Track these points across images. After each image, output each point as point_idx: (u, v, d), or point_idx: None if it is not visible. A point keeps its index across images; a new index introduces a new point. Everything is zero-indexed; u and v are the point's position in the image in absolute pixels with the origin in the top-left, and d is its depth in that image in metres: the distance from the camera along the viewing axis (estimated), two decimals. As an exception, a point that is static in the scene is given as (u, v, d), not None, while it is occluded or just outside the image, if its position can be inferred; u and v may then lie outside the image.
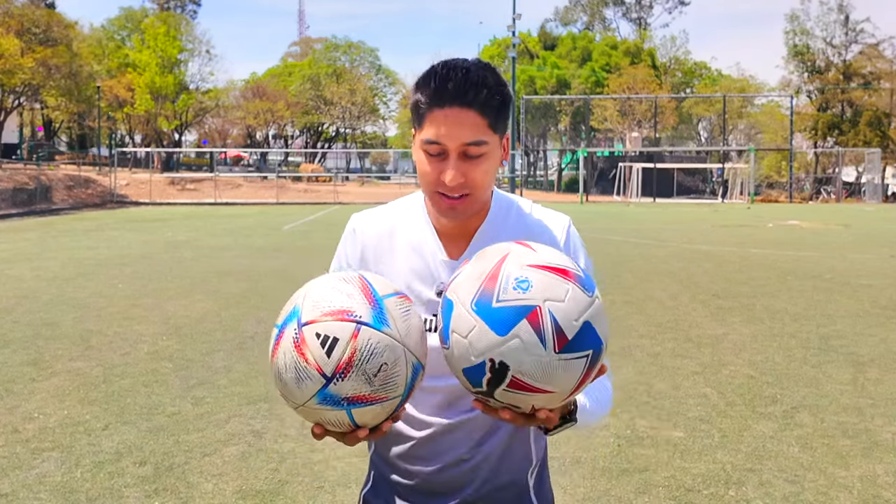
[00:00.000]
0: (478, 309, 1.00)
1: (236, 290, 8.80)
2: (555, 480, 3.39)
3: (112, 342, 6.10)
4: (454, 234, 1.32)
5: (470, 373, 1.01)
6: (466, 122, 1.17)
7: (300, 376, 1.02)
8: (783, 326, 6.75)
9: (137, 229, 18.55)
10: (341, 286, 1.07)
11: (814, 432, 4.03)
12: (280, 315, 1.09)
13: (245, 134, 53.04)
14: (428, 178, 1.22)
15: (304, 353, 1.02)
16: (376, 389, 1.02)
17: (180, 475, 3.48)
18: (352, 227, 1.39)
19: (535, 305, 0.97)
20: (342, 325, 1.02)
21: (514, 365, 0.97)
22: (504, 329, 0.97)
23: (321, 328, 1.02)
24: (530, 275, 1.00)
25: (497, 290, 0.99)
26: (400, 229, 1.34)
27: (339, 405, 1.02)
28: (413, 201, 1.38)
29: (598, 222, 22.07)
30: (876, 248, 14.09)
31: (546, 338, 0.97)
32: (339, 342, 1.01)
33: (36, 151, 41.05)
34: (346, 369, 1.00)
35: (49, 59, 33.15)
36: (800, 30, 50.04)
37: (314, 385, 1.02)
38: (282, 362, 1.04)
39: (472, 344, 0.99)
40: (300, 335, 1.03)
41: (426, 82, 1.20)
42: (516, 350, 0.97)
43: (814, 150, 49.69)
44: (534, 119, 49.28)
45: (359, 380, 1.01)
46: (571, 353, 0.98)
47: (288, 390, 1.05)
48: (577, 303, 0.99)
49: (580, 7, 62.01)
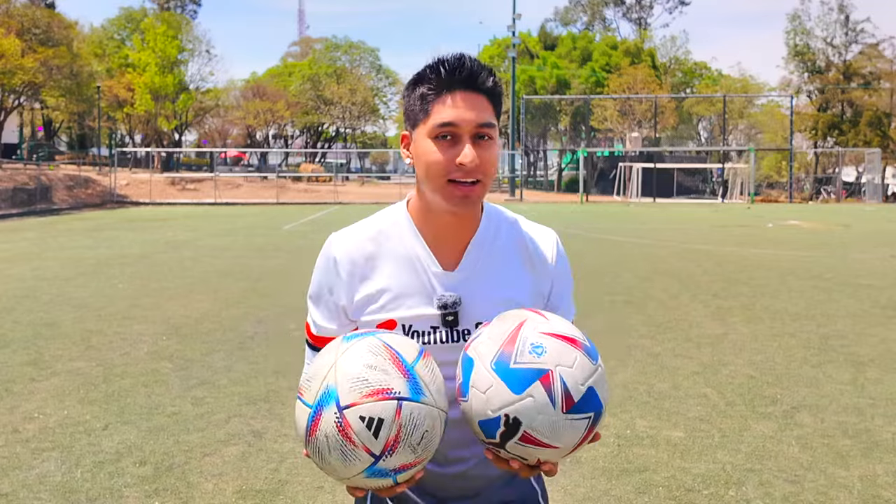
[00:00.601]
0: (497, 368, 1.10)
1: (236, 290, 8.80)
2: (555, 480, 3.41)
3: (112, 342, 6.10)
4: (447, 244, 1.30)
5: (485, 425, 1.11)
6: (478, 104, 1.20)
7: (347, 458, 1.05)
8: (783, 326, 6.75)
9: (137, 229, 18.55)
10: (371, 360, 1.08)
11: (814, 432, 4.03)
12: (308, 391, 1.10)
13: (245, 134, 53.03)
14: (439, 165, 1.20)
15: (350, 436, 1.04)
16: (419, 455, 1.09)
17: (180, 475, 3.48)
18: (331, 255, 1.31)
19: (547, 369, 1.08)
20: (384, 405, 1.05)
21: (527, 421, 1.07)
22: (520, 388, 1.07)
23: (365, 411, 1.04)
24: (545, 342, 1.10)
25: (515, 352, 1.10)
26: (387, 245, 1.30)
27: (387, 475, 1.07)
28: (396, 214, 1.33)
29: (598, 222, 22.07)
30: (876, 248, 14.09)
31: (556, 399, 1.07)
32: (384, 422, 1.04)
33: (36, 151, 41.06)
34: (393, 446, 1.05)
35: (50, 59, 33.15)
36: (800, 30, 50.06)
37: (362, 465, 1.05)
38: (324, 444, 1.06)
39: (490, 399, 1.09)
40: (343, 419, 1.04)
41: (431, 73, 1.21)
42: (529, 408, 1.07)
43: (814, 150, 49.69)
44: (534, 119, 49.28)
45: (405, 452, 1.06)
46: (577, 414, 1.09)
47: (332, 468, 1.08)
48: (584, 370, 1.10)
49: (580, 7, 62.02)
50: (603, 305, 7.74)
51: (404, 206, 1.34)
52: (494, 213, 1.35)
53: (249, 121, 49.37)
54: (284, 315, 7.14)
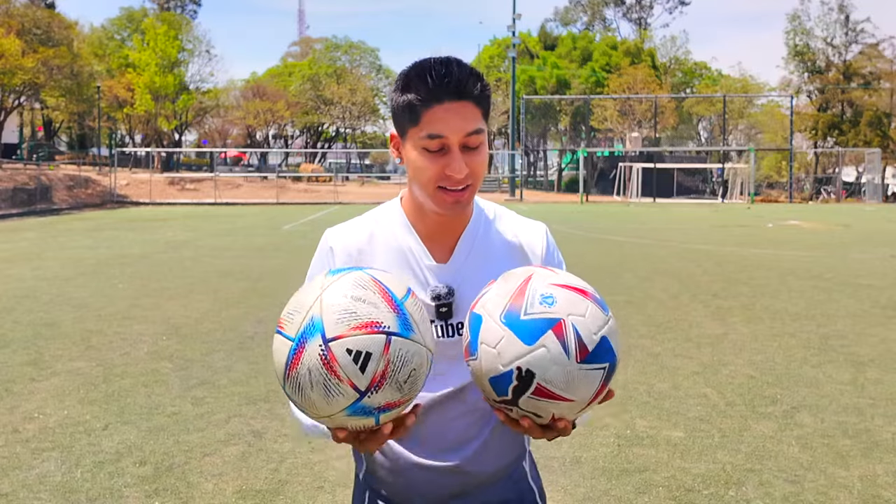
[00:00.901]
0: (507, 321, 1.07)
1: (236, 290, 8.80)
2: (555, 480, 3.41)
3: (112, 342, 6.10)
4: (439, 239, 1.32)
5: (496, 381, 1.07)
6: (466, 113, 1.20)
7: (330, 392, 1.00)
8: (783, 326, 6.75)
9: (137, 229, 18.56)
10: (360, 293, 1.04)
11: (814, 432, 4.03)
12: (290, 324, 1.04)
13: (245, 134, 53.03)
14: (428, 174, 1.21)
15: (335, 369, 0.99)
16: (405, 394, 1.04)
17: (180, 475, 3.48)
18: (328, 245, 1.34)
19: (559, 318, 1.05)
20: (373, 339, 1.00)
21: (540, 373, 1.04)
22: (531, 339, 1.04)
23: (352, 343, 0.99)
24: (555, 292, 1.08)
25: (525, 304, 1.07)
26: (381, 239, 1.33)
27: (370, 414, 1.03)
28: (390, 209, 1.36)
29: (598, 222, 22.07)
30: (876, 248, 14.09)
31: (569, 348, 1.05)
32: (372, 356, 0.99)
33: (36, 151, 41.06)
34: (380, 382, 1.00)
35: (50, 59, 33.15)
36: (800, 30, 50.06)
37: (346, 400, 1.00)
38: (306, 379, 1.00)
39: (501, 353, 1.06)
40: (329, 352, 0.99)
41: (419, 81, 1.19)
42: (542, 359, 1.04)
43: (814, 150, 49.70)
44: (534, 119, 49.28)
45: (391, 389, 1.02)
46: (591, 364, 1.06)
47: (312, 404, 1.02)
48: (596, 319, 1.08)
49: (580, 7, 62.01)
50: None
51: (398, 202, 1.36)
52: (485, 206, 1.37)
53: (249, 121, 49.37)
54: (284, 315, 7.13)
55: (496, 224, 1.36)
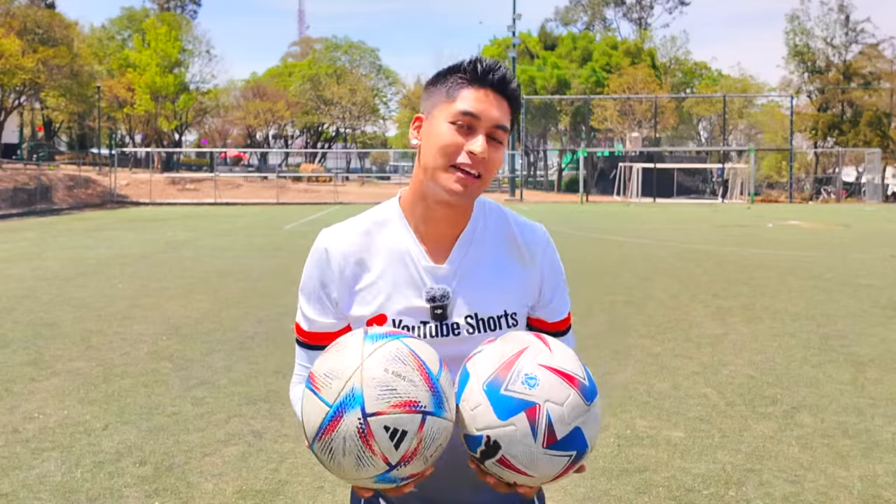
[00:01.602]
0: (487, 390, 1.11)
1: (236, 290, 8.80)
2: (555, 480, 3.40)
3: (112, 342, 6.10)
4: (436, 240, 1.32)
5: (469, 440, 1.14)
6: (502, 107, 1.26)
7: (362, 463, 1.04)
8: (783, 326, 6.75)
9: (137, 229, 18.56)
10: (399, 368, 1.07)
11: (814, 432, 4.03)
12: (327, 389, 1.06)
13: (245, 134, 53.03)
14: (450, 148, 1.23)
15: (371, 444, 1.03)
16: (429, 464, 1.10)
17: (180, 475, 3.48)
18: (323, 248, 1.33)
19: (535, 402, 1.09)
20: (411, 418, 1.04)
21: (506, 447, 1.09)
22: (504, 415, 1.09)
23: (390, 421, 1.03)
24: (540, 374, 1.11)
25: (508, 379, 1.11)
26: (378, 240, 1.32)
27: (394, 482, 1.08)
28: (388, 210, 1.36)
29: (598, 222, 22.06)
30: (876, 248, 14.09)
31: (538, 432, 1.08)
32: (407, 435, 1.04)
33: (36, 151, 41.05)
34: (410, 458, 1.05)
35: (50, 59, 33.14)
36: (800, 30, 50.04)
37: (375, 471, 1.05)
38: (339, 446, 1.04)
39: (476, 418, 1.11)
40: (367, 427, 1.03)
41: (468, 65, 1.26)
42: (510, 435, 1.09)
43: (814, 150, 49.69)
44: (534, 119, 49.28)
45: (419, 463, 1.07)
46: (557, 451, 1.09)
47: (340, 469, 1.06)
48: (574, 409, 1.10)
49: (580, 7, 62.00)
50: (603, 305, 7.74)
51: (396, 202, 1.36)
52: (486, 206, 1.37)
53: (249, 121, 49.36)
54: (284, 315, 7.14)
55: (494, 224, 1.36)
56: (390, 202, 1.37)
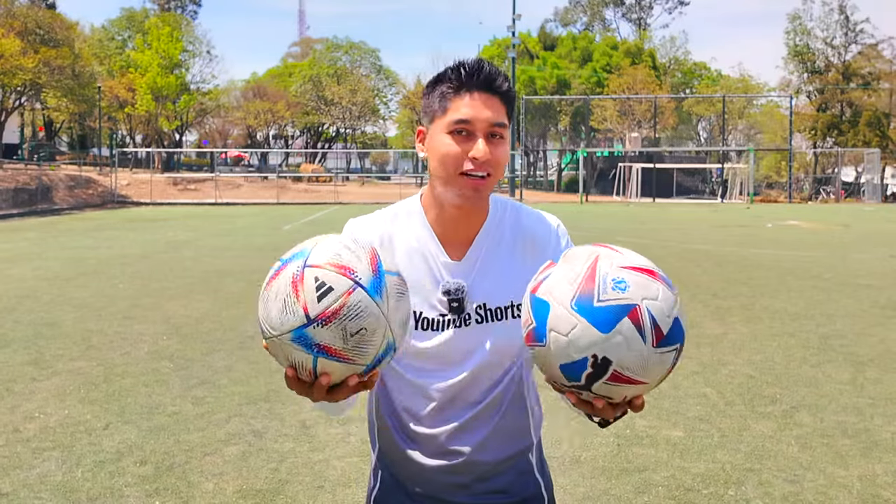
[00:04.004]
0: (579, 308, 1.05)
1: (236, 289, 8.81)
2: (555, 480, 3.40)
3: (113, 342, 6.11)
4: (455, 237, 1.37)
5: (568, 368, 1.06)
6: (493, 105, 1.29)
7: (286, 309, 1.06)
8: (783, 326, 6.76)
9: (138, 229, 18.56)
10: (353, 246, 1.12)
11: (813, 432, 4.04)
12: (287, 252, 1.13)
13: (245, 134, 53.02)
14: (454, 158, 1.27)
15: (298, 290, 1.06)
16: (348, 349, 1.07)
17: (181, 475, 3.48)
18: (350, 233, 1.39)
19: (634, 304, 1.04)
20: (341, 279, 1.06)
21: (617, 360, 1.03)
22: (607, 327, 1.03)
23: (321, 274, 1.06)
24: (625, 276, 1.06)
25: (597, 290, 1.05)
26: (399, 234, 1.38)
27: (310, 349, 1.06)
28: (410, 206, 1.41)
29: (598, 222, 22.06)
30: (875, 248, 14.09)
31: (646, 334, 1.03)
32: (332, 292, 1.05)
33: (37, 151, 41.04)
34: (328, 319, 1.05)
35: (52, 59, 33.15)
36: (800, 30, 50.03)
37: (295, 321, 1.06)
38: (274, 291, 1.08)
39: (573, 342, 1.04)
40: (301, 273, 1.07)
41: (453, 73, 1.30)
42: (619, 346, 1.03)
43: (813, 150, 49.68)
44: (534, 119, 49.25)
45: (336, 333, 1.05)
46: (666, 347, 1.05)
47: (269, 317, 1.08)
48: (667, 300, 1.07)
49: (580, 7, 61.99)
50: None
51: (418, 200, 1.41)
52: (500, 204, 1.42)
53: (250, 121, 49.36)
54: (285, 315, 7.15)
55: (511, 220, 1.41)
56: (412, 199, 1.42)
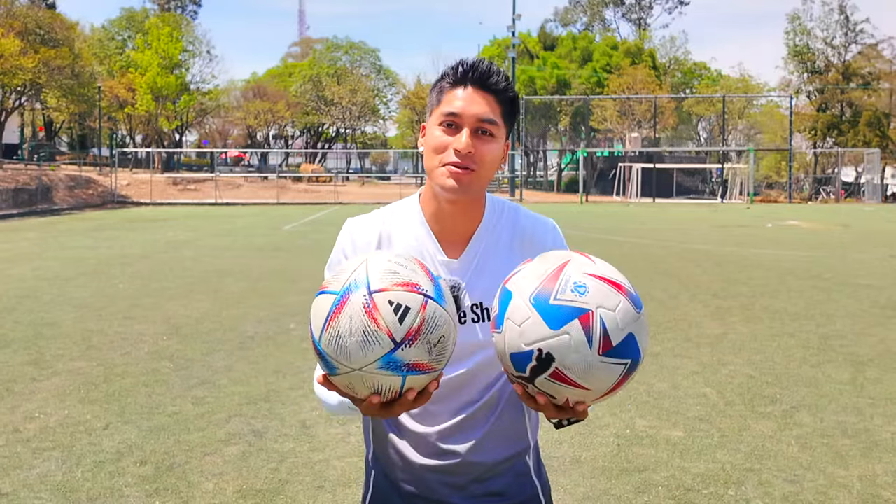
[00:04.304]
0: (535, 303, 1.08)
1: (236, 290, 8.81)
2: (555, 480, 3.41)
3: (113, 342, 6.11)
4: (452, 235, 1.38)
5: (516, 358, 1.10)
6: (484, 101, 1.30)
7: (368, 340, 1.05)
8: (782, 326, 6.76)
9: (138, 229, 18.56)
10: (402, 261, 1.13)
11: (813, 432, 4.04)
12: (334, 283, 1.11)
13: (245, 134, 53.00)
14: (438, 148, 1.29)
15: (376, 318, 1.05)
16: (433, 359, 1.09)
17: (181, 475, 3.49)
18: (349, 232, 1.41)
19: (588, 309, 1.06)
20: (413, 296, 1.07)
21: (559, 358, 1.06)
22: (557, 325, 1.06)
23: (394, 297, 1.06)
24: (588, 282, 1.09)
25: (556, 289, 1.08)
26: (397, 233, 1.39)
27: (400, 371, 1.07)
28: (408, 205, 1.42)
29: (597, 222, 22.06)
30: (875, 248, 14.10)
31: (593, 339, 1.05)
32: (410, 311, 1.06)
33: (37, 152, 41.04)
34: (414, 337, 1.06)
35: (51, 59, 33.14)
36: (800, 30, 50.02)
37: (382, 349, 1.05)
38: (346, 326, 1.06)
39: (524, 333, 1.08)
40: (371, 301, 1.06)
41: (451, 70, 1.32)
42: (564, 345, 1.06)
43: (813, 150, 49.68)
44: (534, 119, 49.25)
45: (423, 348, 1.07)
46: (613, 358, 1.06)
47: (346, 354, 1.06)
48: (626, 315, 1.08)
49: (580, 8, 61.99)
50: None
51: (416, 198, 1.42)
52: (498, 204, 1.43)
53: (250, 121, 49.35)
54: (284, 315, 7.16)
55: (509, 220, 1.41)
56: (411, 198, 1.43)
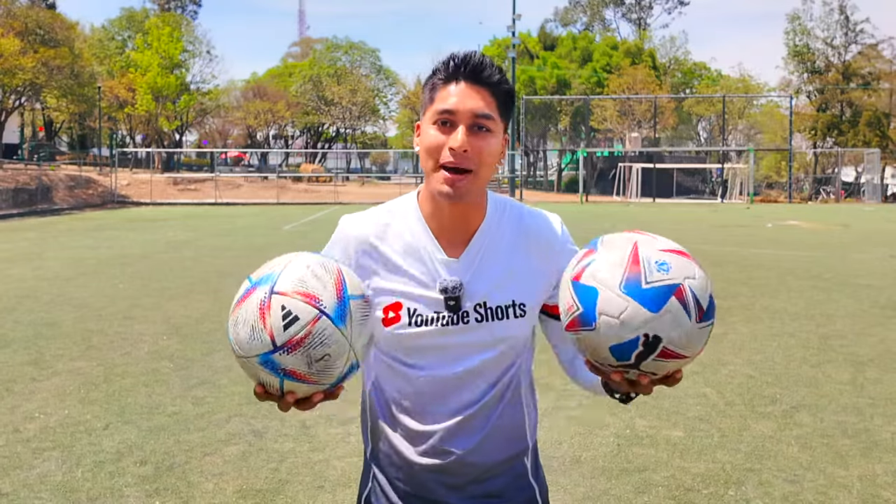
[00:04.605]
0: (628, 290, 1.11)
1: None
2: (555, 480, 3.42)
3: (113, 342, 6.11)
4: (452, 234, 1.33)
5: (619, 349, 1.13)
6: (479, 96, 1.26)
7: (253, 335, 1.10)
8: (782, 326, 6.76)
9: (138, 229, 18.56)
10: (319, 272, 1.14)
11: (813, 432, 4.04)
12: (256, 273, 1.18)
13: (245, 134, 52.99)
14: (433, 148, 1.25)
15: (265, 317, 1.10)
16: (312, 373, 1.11)
17: (181, 475, 3.49)
18: (344, 230, 1.38)
19: (679, 283, 1.11)
20: (307, 308, 1.10)
21: (666, 337, 1.10)
22: (656, 307, 1.10)
23: (288, 303, 1.10)
24: (667, 258, 1.14)
25: (643, 273, 1.12)
26: (394, 231, 1.35)
27: (276, 373, 1.11)
28: (406, 203, 1.38)
29: (598, 222, 22.06)
30: (875, 248, 14.09)
31: (690, 310, 1.11)
32: (298, 321, 1.09)
33: (37, 152, 41.04)
34: (294, 347, 1.09)
35: (51, 59, 33.14)
36: (800, 30, 50.01)
37: (261, 347, 1.10)
38: (242, 316, 1.13)
39: (626, 322, 1.11)
40: (268, 301, 1.11)
41: (443, 65, 1.28)
42: (668, 323, 1.10)
43: (813, 150, 49.68)
44: (534, 119, 49.23)
45: (301, 359, 1.10)
46: (706, 322, 1.13)
47: (238, 339, 1.13)
48: (703, 279, 1.14)
49: (580, 7, 61.97)
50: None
51: (414, 197, 1.39)
52: (500, 203, 1.39)
53: (250, 121, 49.33)
54: (285, 315, 7.15)
55: (512, 219, 1.38)
56: (409, 196, 1.39)
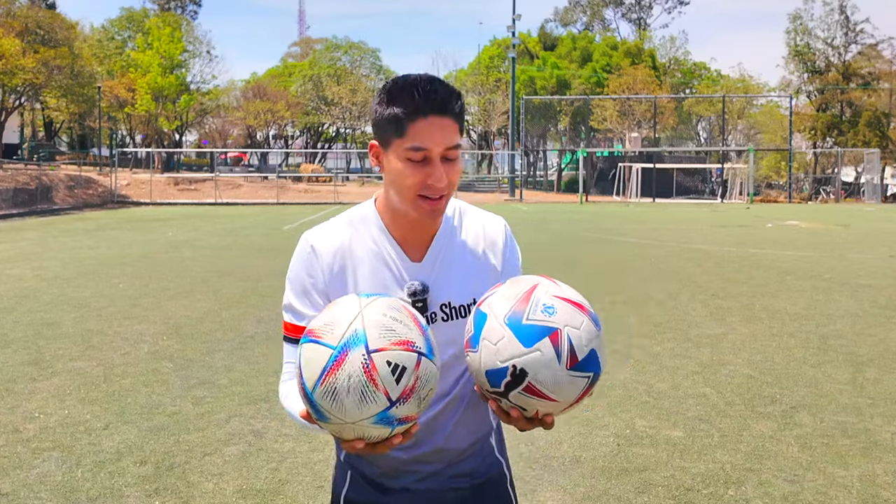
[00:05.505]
0: (509, 323, 1.19)
1: (236, 290, 8.81)
2: (554, 480, 3.42)
3: (113, 342, 6.11)
4: (412, 239, 1.41)
5: (492, 374, 1.19)
6: (447, 128, 1.29)
7: (365, 400, 1.10)
8: (782, 326, 6.76)
9: (138, 229, 18.56)
10: (396, 315, 1.16)
11: (813, 432, 4.04)
12: (329, 335, 1.13)
13: (245, 134, 52.99)
14: (411, 184, 1.29)
15: (375, 378, 1.09)
16: (420, 409, 1.17)
17: (181, 475, 3.49)
18: (309, 246, 1.40)
19: (557, 328, 1.17)
20: (409, 356, 1.12)
21: (532, 373, 1.16)
22: (529, 342, 1.16)
23: (392, 357, 1.11)
24: (556, 304, 1.20)
25: (528, 310, 1.19)
26: (358, 241, 1.41)
27: (391, 424, 1.13)
28: (364, 211, 1.44)
29: (597, 222, 22.06)
30: (875, 248, 14.10)
31: (562, 355, 1.16)
32: (406, 371, 1.11)
33: (37, 152, 41.06)
34: (408, 395, 1.12)
35: (51, 59, 33.13)
36: (801, 30, 50.00)
37: (378, 408, 1.10)
38: (344, 384, 1.10)
39: (500, 351, 1.18)
40: (371, 362, 1.10)
41: (406, 95, 1.27)
42: (536, 361, 1.16)
43: (813, 150, 49.67)
44: (534, 119, 49.22)
45: (414, 403, 1.14)
46: (579, 372, 1.18)
47: (342, 409, 1.10)
48: (589, 333, 1.20)
49: (580, 7, 61.96)
50: (603, 305, 7.74)
51: (372, 204, 1.44)
52: (452, 205, 1.46)
53: (250, 121, 49.32)
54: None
55: (463, 221, 1.47)
56: (366, 205, 1.45)
